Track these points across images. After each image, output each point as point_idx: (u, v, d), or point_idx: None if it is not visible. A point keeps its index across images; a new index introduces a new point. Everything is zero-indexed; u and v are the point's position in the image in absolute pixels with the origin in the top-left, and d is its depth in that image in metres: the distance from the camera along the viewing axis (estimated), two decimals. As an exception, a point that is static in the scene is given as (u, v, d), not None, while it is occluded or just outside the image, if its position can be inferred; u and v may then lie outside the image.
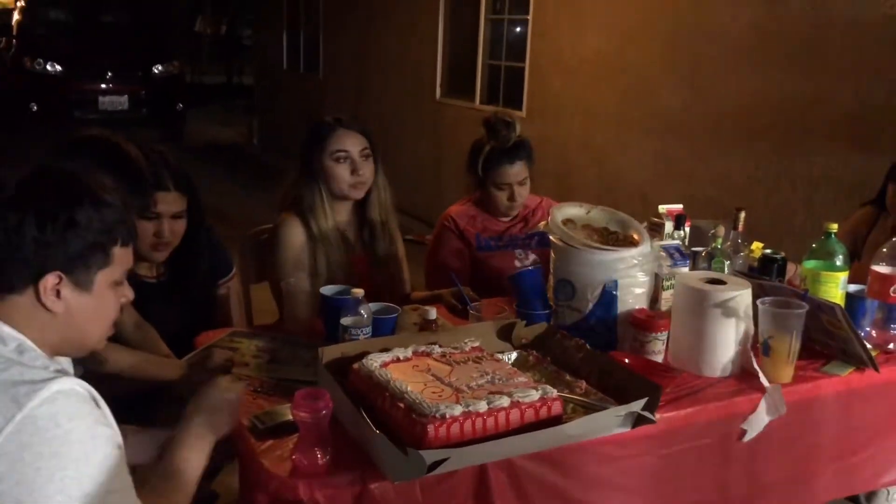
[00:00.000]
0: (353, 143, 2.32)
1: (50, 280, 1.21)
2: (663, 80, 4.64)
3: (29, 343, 1.21)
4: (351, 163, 2.31)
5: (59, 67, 9.70)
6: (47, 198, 1.22)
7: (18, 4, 12.03)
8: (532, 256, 2.63)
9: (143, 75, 10.08)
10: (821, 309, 1.87)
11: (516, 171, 2.57)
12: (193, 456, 1.38)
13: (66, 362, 1.39)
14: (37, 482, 1.10)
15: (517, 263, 2.59)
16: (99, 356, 1.69)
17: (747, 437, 1.75)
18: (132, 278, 1.94)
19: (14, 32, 10.72)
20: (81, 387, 1.19)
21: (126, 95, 9.82)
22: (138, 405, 1.75)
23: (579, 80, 5.28)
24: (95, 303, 1.27)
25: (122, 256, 1.29)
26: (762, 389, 1.75)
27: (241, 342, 1.95)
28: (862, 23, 3.53)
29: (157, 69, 10.27)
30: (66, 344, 1.29)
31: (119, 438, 1.23)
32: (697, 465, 1.74)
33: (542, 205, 2.75)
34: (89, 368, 1.68)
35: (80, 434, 1.14)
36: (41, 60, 9.70)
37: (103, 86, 9.77)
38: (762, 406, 1.75)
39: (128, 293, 1.35)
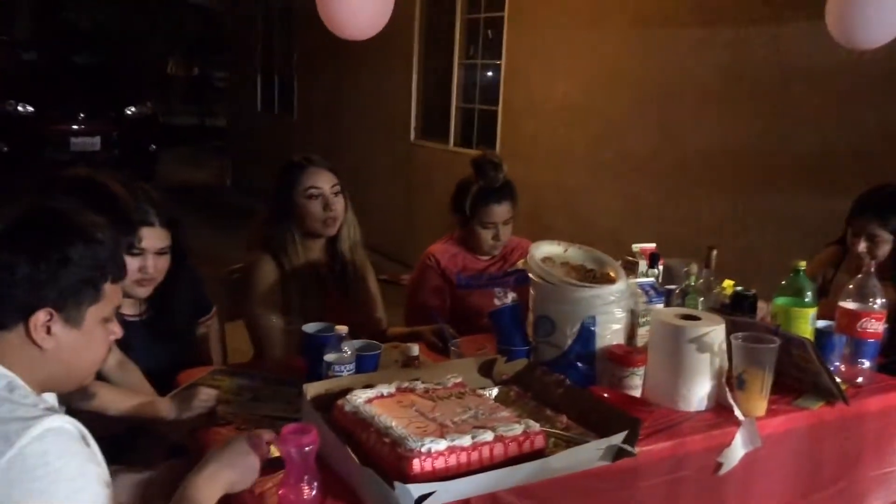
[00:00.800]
0: (324, 181, 2.37)
1: (41, 316, 1.22)
2: (632, 124, 4.76)
3: (19, 381, 1.22)
4: (323, 199, 2.36)
5: (30, 108, 9.67)
6: (40, 235, 1.23)
7: (-10, 45, 12.02)
8: (511, 294, 2.66)
9: (116, 116, 10.08)
10: (792, 344, 1.92)
11: (503, 210, 2.64)
12: (203, 500, 1.32)
13: (51, 398, 1.39)
14: None
15: (497, 301, 2.61)
16: (87, 391, 1.68)
17: (723, 470, 1.78)
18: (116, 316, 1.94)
19: (-16, 74, 10.70)
20: (71, 425, 1.20)
21: (98, 136, 9.79)
22: (117, 444, 1.74)
23: (551, 123, 5.40)
24: (85, 339, 1.28)
25: (112, 292, 1.31)
26: (737, 423, 1.79)
27: (222, 380, 1.96)
28: (824, 69, 3.67)
29: (130, 110, 10.28)
30: (54, 380, 1.29)
31: (107, 477, 1.24)
32: (676, 498, 1.76)
33: (520, 245, 2.80)
34: (75, 407, 1.67)
35: (69, 472, 1.14)
36: (12, 101, 9.66)
37: (75, 126, 9.75)
38: (738, 439, 1.78)
39: (116, 330, 1.36)
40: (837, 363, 2.08)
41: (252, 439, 1.40)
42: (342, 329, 1.83)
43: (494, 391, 1.82)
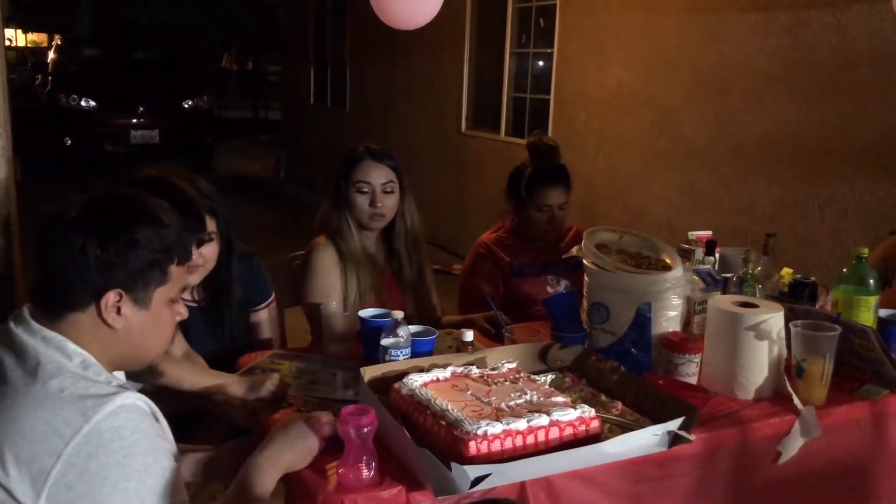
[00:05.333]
0: (376, 176, 2.38)
1: (111, 297, 1.27)
2: (688, 111, 4.69)
3: (92, 359, 1.27)
4: (371, 195, 2.37)
5: (92, 103, 9.97)
6: (109, 219, 1.28)
7: (53, 43, 12.41)
8: (564, 282, 2.67)
9: (174, 110, 10.33)
10: (853, 332, 1.89)
11: (558, 193, 2.63)
12: (264, 480, 1.38)
13: (121, 377, 1.45)
14: (103, 491, 1.15)
15: (549, 289, 2.63)
16: (160, 367, 1.75)
17: (782, 459, 1.76)
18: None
19: (49, 70, 11.06)
20: (143, 402, 1.25)
21: (157, 129, 10.06)
22: (178, 424, 1.79)
23: (604, 111, 5.35)
24: (153, 319, 1.33)
25: (177, 274, 1.36)
26: (796, 411, 1.77)
27: (281, 364, 2.00)
28: (886, 51, 3.57)
29: (187, 104, 10.53)
30: (124, 358, 1.35)
31: (176, 452, 1.29)
32: (733, 487, 1.74)
33: (572, 232, 2.79)
34: (150, 381, 1.75)
35: (142, 447, 1.20)
36: (75, 96, 9.98)
37: (135, 120, 10.03)
38: (796, 428, 1.76)
39: (182, 311, 1.41)
40: (901, 352, 2.03)
41: (311, 421, 1.44)
42: (398, 314, 1.86)
43: (549, 377, 1.83)
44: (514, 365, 1.78)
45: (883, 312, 2.10)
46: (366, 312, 2.02)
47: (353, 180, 2.37)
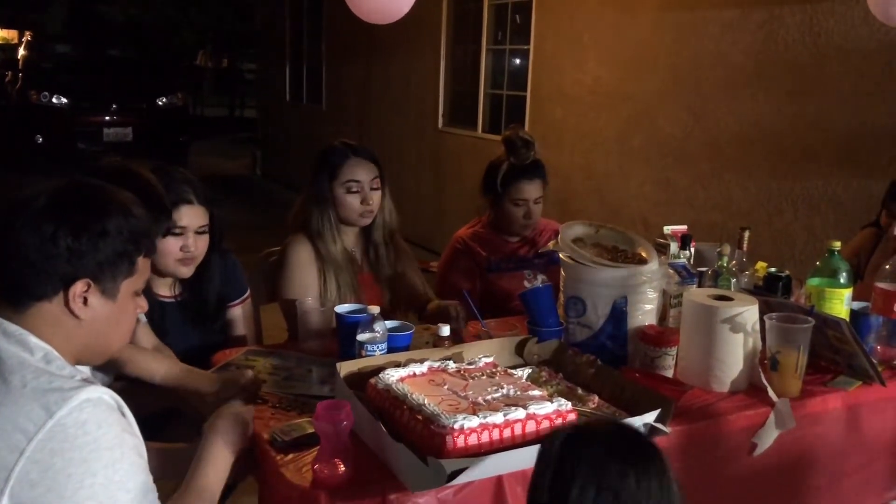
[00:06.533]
0: (365, 174, 2.36)
1: (79, 287, 1.25)
2: (664, 108, 4.71)
3: (54, 353, 1.24)
4: (361, 193, 2.35)
5: (64, 100, 9.83)
6: (81, 208, 1.26)
7: (24, 39, 12.24)
8: (541, 277, 2.66)
9: (148, 107, 10.20)
10: (827, 324, 1.90)
11: (534, 188, 2.63)
12: (214, 472, 1.42)
13: (86, 371, 1.43)
14: (68, 487, 1.13)
15: (526, 284, 2.62)
16: (128, 362, 1.73)
17: (758, 451, 1.77)
18: (150, 297, 1.97)
19: (19, 66, 10.89)
20: (109, 396, 1.23)
21: (130, 127, 9.93)
22: (149, 424, 1.76)
23: (580, 108, 5.37)
24: (118, 311, 1.31)
25: (144, 266, 1.34)
26: (771, 403, 1.78)
27: (256, 360, 1.98)
28: (858, 47, 3.61)
29: (161, 101, 10.40)
30: (88, 351, 1.32)
31: (143, 448, 1.26)
32: (709, 479, 1.75)
33: (549, 226, 2.79)
34: (113, 376, 1.72)
35: (108, 441, 1.17)
36: (47, 94, 9.82)
37: (108, 118, 9.89)
38: (771, 420, 1.77)
39: (143, 304, 1.39)
40: (873, 344, 2.05)
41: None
42: (374, 309, 1.84)
43: (526, 371, 1.82)
44: (490, 359, 1.77)
45: (855, 305, 2.12)
46: (342, 308, 2.00)
47: (343, 180, 2.35)
